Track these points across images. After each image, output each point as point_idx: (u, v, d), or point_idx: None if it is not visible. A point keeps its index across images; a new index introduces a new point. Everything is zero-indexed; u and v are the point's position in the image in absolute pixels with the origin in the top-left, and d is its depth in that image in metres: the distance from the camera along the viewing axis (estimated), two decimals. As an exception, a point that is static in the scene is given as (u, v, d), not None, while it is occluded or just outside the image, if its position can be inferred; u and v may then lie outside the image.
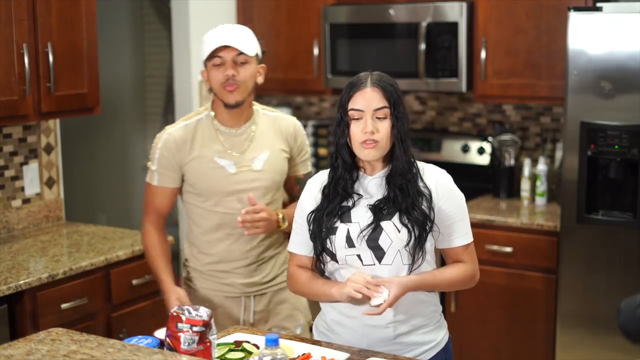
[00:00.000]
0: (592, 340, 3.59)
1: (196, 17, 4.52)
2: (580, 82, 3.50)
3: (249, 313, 2.82)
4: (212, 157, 2.73)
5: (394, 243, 2.21)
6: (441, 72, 4.14)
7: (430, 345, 2.32)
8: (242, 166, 2.74)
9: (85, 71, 3.54)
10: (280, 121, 2.84)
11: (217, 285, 2.82)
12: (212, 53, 2.65)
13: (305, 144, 2.90)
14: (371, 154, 2.22)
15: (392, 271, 2.23)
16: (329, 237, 2.25)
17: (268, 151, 2.77)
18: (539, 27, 3.95)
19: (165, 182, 2.78)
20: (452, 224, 2.28)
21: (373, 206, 2.24)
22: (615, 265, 3.51)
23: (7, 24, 3.21)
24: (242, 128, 2.77)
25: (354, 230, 2.23)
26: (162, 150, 2.75)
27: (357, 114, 2.23)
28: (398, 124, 2.22)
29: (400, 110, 2.23)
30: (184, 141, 2.74)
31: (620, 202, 3.54)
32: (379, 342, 2.28)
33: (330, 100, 4.96)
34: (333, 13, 4.40)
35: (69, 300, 3.19)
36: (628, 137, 3.42)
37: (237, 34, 2.69)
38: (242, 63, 2.67)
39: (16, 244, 3.51)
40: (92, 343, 1.93)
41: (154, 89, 5.71)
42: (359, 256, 2.23)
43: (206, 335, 2.03)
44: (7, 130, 3.67)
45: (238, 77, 2.66)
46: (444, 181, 2.29)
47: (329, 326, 2.36)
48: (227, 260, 2.79)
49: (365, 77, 2.26)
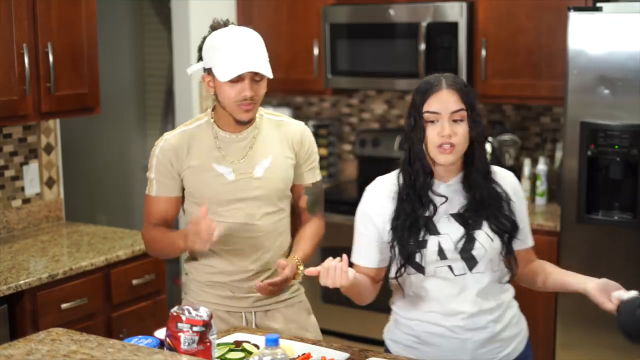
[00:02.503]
0: (592, 340, 3.59)
1: (196, 17, 4.52)
2: (580, 82, 3.50)
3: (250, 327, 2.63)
4: (210, 164, 2.55)
5: (488, 252, 2.20)
6: (441, 72, 4.13)
7: (522, 333, 2.35)
8: (242, 173, 2.56)
9: (85, 71, 3.54)
10: (285, 126, 2.65)
11: (217, 299, 2.62)
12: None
13: (314, 150, 2.69)
14: (448, 159, 2.16)
15: (486, 278, 2.22)
16: (420, 250, 2.19)
17: (271, 157, 2.59)
18: (539, 27, 3.95)
19: (164, 191, 2.59)
20: (525, 225, 2.31)
21: (458, 215, 2.21)
22: (615, 266, 3.51)
23: (7, 24, 3.21)
24: (243, 133, 2.58)
25: (446, 242, 2.19)
26: (159, 157, 2.58)
27: (432, 117, 2.16)
28: (475, 127, 2.18)
29: (477, 112, 2.19)
30: (182, 147, 2.57)
31: (620, 202, 3.54)
32: (482, 343, 2.25)
33: (330, 100, 4.96)
34: (333, 13, 4.40)
35: (69, 300, 3.19)
36: (628, 137, 3.42)
37: (256, 50, 2.49)
38: (258, 80, 2.50)
39: (16, 244, 3.51)
40: (92, 343, 1.93)
41: (154, 89, 5.71)
42: (450, 267, 2.21)
43: (206, 335, 2.03)
44: (7, 130, 3.67)
45: (255, 97, 2.50)
46: (516, 182, 2.32)
47: (422, 339, 2.28)
48: (227, 272, 2.61)
49: (437, 79, 2.20)
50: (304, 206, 2.69)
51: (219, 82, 2.49)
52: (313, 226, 2.70)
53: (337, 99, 4.93)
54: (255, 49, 2.49)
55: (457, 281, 2.22)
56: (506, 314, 2.30)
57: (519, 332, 2.34)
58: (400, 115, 4.76)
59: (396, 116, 4.78)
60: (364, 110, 4.87)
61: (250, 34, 2.52)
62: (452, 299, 2.23)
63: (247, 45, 2.48)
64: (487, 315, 2.25)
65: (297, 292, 2.71)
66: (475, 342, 2.25)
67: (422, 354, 2.28)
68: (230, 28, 2.54)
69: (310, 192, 2.69)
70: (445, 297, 2.23)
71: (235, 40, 2.48)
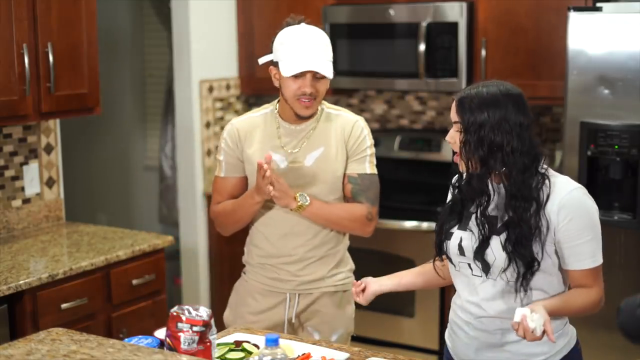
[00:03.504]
0: (592, 340, 3.59)
1: (196, 17, 4.52)
2: (580, 82, 3.50)
3: (292, 310, 2.78)
4: (267, 151, 2.70)
5: (497, 260, 2.14)
6: (441, 72, 4.14)
7: (545, 356, 2.20)
8: (294, 162, 2.72)
9: (85, 71, 3.54)
10: (341, 120, 2.79)
11: (265, 280, 2.80)
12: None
13: (365, 143, 2.76)
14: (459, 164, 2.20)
15: (496, 287, 2.18)
16: (446, 241, 2.25)
17: (322, 148, 2.73)
18: (539, 27, 3.95)
19: (232, 171, 2.79)
20: (575, 245, 2.12)
21: (492, 218, 2.16)
22: (614, 265, 3.51)
23: (7, 24, 3.21)
24: (302, 125, 2.74)
25: (467, 239, 2.20)
26: (227, 140, 2.78)
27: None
28: (469, 142, 2.12)
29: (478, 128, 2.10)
30: (246, 133, 2.76)
31: (620, 202, 3.54)
32: (487, 347, 2.24)
33: (330, 100, 4.94)
34: (333, 13, 4.40)
35: (69, 300, 3.19)
36: (628, 137, 3.42)
37: (321, 50, 2.65)
38: (320, 78, 2.66)
39: (16, 244, 3.51)
40: (92, 343, 1.93)
41: (154, 89, 5.71)
42: (469, 265, 2.22)
43: (206, 335, 2.03)
44: (7, 130, 3.67)
45: (315, 94, 2.65)
46: (571, 200, 2.14)
47: (451, 325, 2.35)
48: (275, 255, 2.77)
49: (471, 86, 2.20)
50: (349, 195, 2.78)
51: (283, 76, 2.65)
52: (350, 204, 2.78)
53: (337, 99, 4.93)
54: (319, 49, 2.66)
55: (474, 280, 2.22)
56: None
57: (544, 353, 2.20)
58: (400, 115, 4.76)
59: (396, 116, 4.78)
60: (364, 110, 4.87)
61: (317, 33, 2.70)
62: (468, 297, 2.25)
63: (311, 44, 2.65)
64: (496, 321, 2.21)
65: (343, 281, 2.83)
66: (482, 344, 2.24)
67: (450, 340, 2.34)
68: (301, 26, 2.72)
69: (355, 181, 2.76)
70: (464, 293, 2.26)
71: (301, 38, 2.66)
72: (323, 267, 2.78)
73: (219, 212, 2.83)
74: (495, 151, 2.11)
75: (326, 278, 2.79)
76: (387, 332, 4.20)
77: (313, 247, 2.76)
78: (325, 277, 2.79)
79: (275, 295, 2.80)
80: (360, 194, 2.75)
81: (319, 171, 2.72)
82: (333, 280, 2.80)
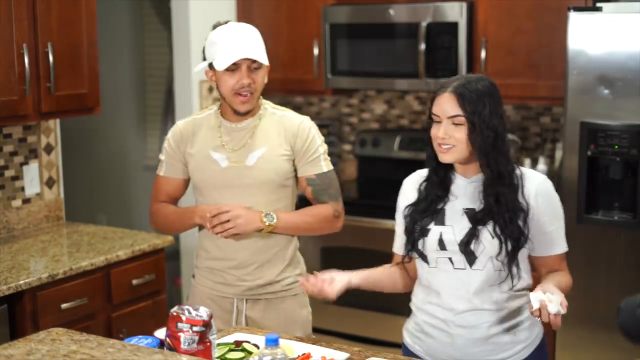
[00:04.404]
0: (592, 340, 3.59)
1: (196, 17, 4.52)
2: (580, 82, 3.50)
3: (241, 316, 2.73)
4: (208, 151, 2.70)
5: (487, 249, 2.21)
6: (441, 72, 4.14)
7: (526, 343, 2.30)
8: (235, 161, 2.68)
9: (85, 71, 3.54)
10: (285, 120, 2.73)
11: (212, 284, 2.77)
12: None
13: (314, 143, 2.73)
14: (445, 157, 2.22)
15: (483, 277, 2.23)
16: (422, 238, 2.27)
17: (265, 148, 2.68)
18: (539, 27, 3.95)
19: (171, 172, 2.79)
20: (550, 232, 2.27)
21: (471, 211, 2.24)
22: (615, 265, 3.51)
23: (7, 24, 3.21)
24: (243, 123, 2.71)
25: (447, 233, 2.24)
26: (170, 140, 2.79)
27: (436, 118, 2.23)
28: (475, 133, 2.18)
29: (482, 117, 2.18)
30: (188, 133, 2.75)
31: (620, 202, 3.54)
32: (472, 342, 2.26)
33: (330, 100, 4.96)
34: (333, 13, 4.40)
35: (69, 300, 3.19)
36: (628, 137, 3.42)
37: (252, 41, 2.62)
38: (256, 69, 2.63)
39: (16, 244, 3.51)
40: (92, 343, 1.93)
41: (154, 89, 5.71)
42: (450, 259, 2.24)
43: (206, 335, 2.03)
44: (7, 130, 3.67)
45: (253, 85, 2.62)
46: (544, 189, 2.27)
47: (422, 329, 2.34)
48: (219, 258, 2.73)
49: (451, 81, 2.24)
50: (311, 197, 2.76)
51: (219, 73, 2.63)
52: (315, 207, 2.77)
53: (337, 99, 4.93)
54: (249, 39, 2.63)
55: (456, 275, 2.24)
56: (510, 320, 2.27)
57: (523, 340, 2.30)
58: (400, 115, 4.76)
59: (396, 116, 4.78)
60: (364, 110, 4.87)
61: (245, 27, 2.68)
62: (450, 293, 2.26)
63: (242, 36, 2.62)
64: (482, 315, 2.25)
65: (292, 286, 2.76)
66: (466, 340, 2.26)
67: (423, 343, 2.34)
68: (228, 24, 2.68)
69: (314, 183, 2.74)
70: (444, 290, 2.27)
71: (231, 32, 2.63)
72: (271, 272, 2.72)
73: (156, 213, 2.84)
74: (496, 138, 2.20)
75: (275, 283, 2.73)
76: (387, 332, 4.20)
77: (258, 250, 2.70)
78: (274, 282, 2.73)
79: (222, 300, 2.75)
80: (322, 193, 2.74)
81: (260, 171, 2.67)
82: (281, 284, 2.74)
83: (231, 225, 2.59)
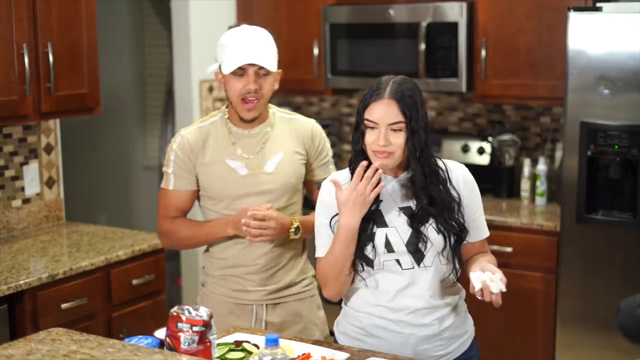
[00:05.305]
0: (592, 340, 3.59)
1: (196, 17, 4.52)
2: (580, 82, 3.50)
3: (260, 323, 2.69)
4: (223, 160, 2.63)
5: (434, 246, 2.22)
6: (441, 72, 4.14)
7: (467, 335, 2.36)
8: (254, 168, 2.63)
9: (85, 71, 3.54)
10: (296, 123, 2.72)
11: (229, 292, 2.70)
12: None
13: (326, 146, 2.75)
14: (384, 163, 2.20)
15: (432, 273, 2.24)
16: (369, 243, 2.23)
17: (282, 153, 2.65)
18: (539, 27, 3.95)
19: (181, 185, 2.67)
20: (476, 217, 2.31)
21: (407, 209, 2.24)
22: (614, 266, 3.51)
23: (7, 24, 3.22)
24: (256, 129, 2.65)
25: (392, 234, 2.22)
26: (177, 152, 2.65)
27: (372, 124, 2.19)
28: (414, 138, 2.18)
29: (419, 121, 2.18)
30: (197, 143, 2.64)
31: (620, 202, 3.54)
32: (424, 340, 2.27)
33: (330, 100, 4.96)
34: (333, 13, 4.40)
35: (69, 300, 3.19)
36: (628, 137, 3.42)
37: (262, 46, 2.57)
38: (264, 75, 2.57)
39: (16, 244, 3.51)
40: (92, 343, 1.93)
41: (154, 89, 5.71)
42: (397, 261, 2.23)
43: (206, 335, 2.03)
44: (7, 130, 3.67)
45: (260, 91, 2.57)
46: (467, 177, 2.31)
47: (367, 331, 2.32)
48: (239, 265, 2.67)
49: (385, 84, 2.19)
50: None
51: (227, 77, 2.58)
52: None
53: (337, 99, 4.93)
54: (259, 44, 2.58)
55: (405, 275, 2.24)
56: (452, 315, 2.31)
57: (463, 334, 2.35)
58: (400, 115, 4.76)
59: (396, 116, 4.77)
60: (364, 110, 4.87)
61: (257, 30, 2.62)
62: (399, 293, 2.26)
63: (251, 40, 2.57)
64: (432, 312, 2.27)
65: (309, 287, 2.77)
66: (418, 338, 2.27)
67: (368, 345, 2.32)
68: (240, 27, 2.63)
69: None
70: (393, 291, 2.26)
71: (241, 36, 2.58)
72: (290, 275, 2.71)
73: (172, 232, 2.72)
74: (427, 139, 2.21)
75: (293, 285, 2.72)
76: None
77: (279, 253, 2.68)
78: (293, 284, 2.72)
79: (241, 307, 2.70)
80: None
81: (281, 176, 2.65)
82: (301, 286, 2.74)
83: (269, 232, 2.56)
